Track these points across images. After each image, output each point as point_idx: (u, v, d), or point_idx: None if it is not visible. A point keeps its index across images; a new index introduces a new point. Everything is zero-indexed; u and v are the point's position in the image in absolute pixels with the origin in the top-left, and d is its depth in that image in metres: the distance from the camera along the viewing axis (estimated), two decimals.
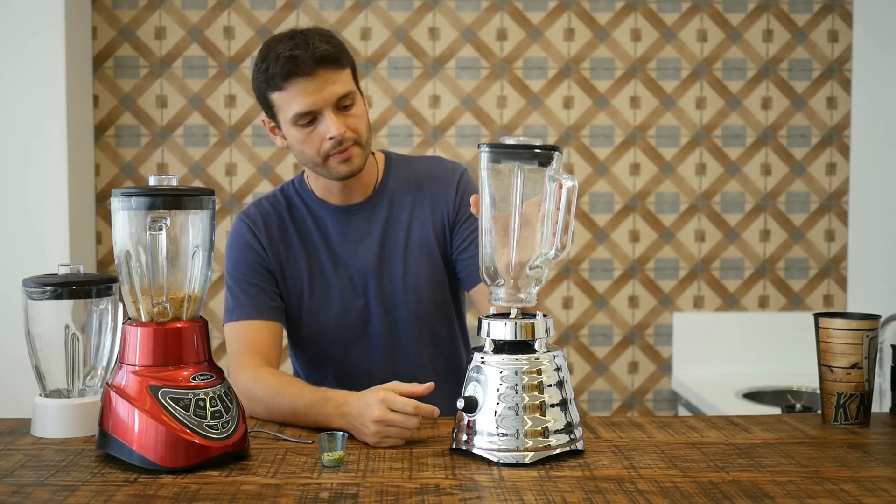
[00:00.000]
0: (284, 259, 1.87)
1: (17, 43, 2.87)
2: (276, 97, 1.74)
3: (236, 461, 1.43)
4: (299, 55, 1.69)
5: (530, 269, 1.46)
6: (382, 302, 1.86)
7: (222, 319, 1.87)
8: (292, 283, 1.87)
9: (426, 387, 1.55)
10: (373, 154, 1.91)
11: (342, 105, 1.74)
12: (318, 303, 1.87)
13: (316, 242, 1.87)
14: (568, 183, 1.42)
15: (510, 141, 1.45)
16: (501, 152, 1.45)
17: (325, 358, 1.90)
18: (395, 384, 1.55)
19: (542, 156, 1.44)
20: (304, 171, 1.92)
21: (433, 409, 1.52)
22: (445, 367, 1.93)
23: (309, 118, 1.73)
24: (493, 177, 1.46)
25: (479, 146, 1.47)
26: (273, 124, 1.80)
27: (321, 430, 1.52)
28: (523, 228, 1.46)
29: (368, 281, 1.86)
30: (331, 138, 1.73)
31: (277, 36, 1.76)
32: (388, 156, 1.94)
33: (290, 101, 1.72)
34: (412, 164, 1.94)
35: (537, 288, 1.49)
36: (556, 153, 1.45)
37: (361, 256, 1.87)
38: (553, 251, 1.44)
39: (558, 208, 1.43)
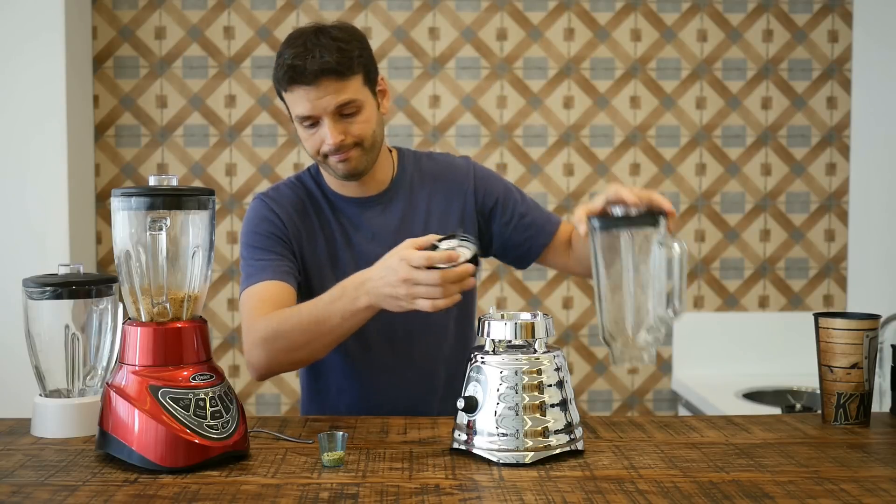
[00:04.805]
0: (304, 240, 1.87)
1: (18, 43, 2.87)
2: (285, 95, 1.79)
3: (236, 461, 1.43)
4: (298, 66, 1.71)
5: (647, 330, 1.47)
6: None
7: (238, 290, 1.85)
8: (311, 265, 1.87)
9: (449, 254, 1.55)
10: (390, 151, 1.94)
11: (344, 112, 1.76)
12: None
13: (334, 230, 1.88)
14: (676, 249, 1.42)
15: (617, 211, 1.47)
16: (612, 224, 1.46)
17: (339, 349, 1.89)
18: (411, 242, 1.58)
19: (649, 221, 1.45)
20: None
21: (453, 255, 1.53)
22: (460, 360, 1.93)
23: (310, 121, 1.77)
24: (605, 247, 1.47)
25: (588, 219, 1.47)
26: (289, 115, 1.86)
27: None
28: (638, 292, 1.47)
29: None
30: (328, 145, 1.76)
31: (295, 33, 1.77)
32: (401, 151, 1.97)
33: (293, 103, 1.77)
34: (423, 159, 1.97)
35: (654, 348, 1.50)
36: (661, 218, 1.45)
37: (379, 247, 1.86)
38: (670, 312, 1.45)
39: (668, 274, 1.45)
